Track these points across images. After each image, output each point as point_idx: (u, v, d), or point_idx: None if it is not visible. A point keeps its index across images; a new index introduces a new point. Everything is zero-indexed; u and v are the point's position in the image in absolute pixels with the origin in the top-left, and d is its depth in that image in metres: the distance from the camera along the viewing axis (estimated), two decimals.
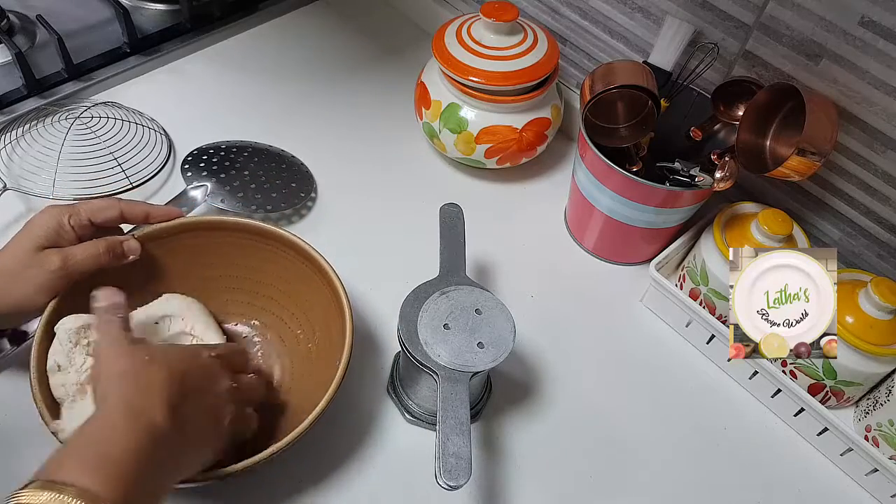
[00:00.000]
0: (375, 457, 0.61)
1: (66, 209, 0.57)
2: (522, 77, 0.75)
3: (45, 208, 0.58)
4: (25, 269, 0.55)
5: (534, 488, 0.61)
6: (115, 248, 0.58)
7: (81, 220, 0.58)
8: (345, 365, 0.56)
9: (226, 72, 0.93)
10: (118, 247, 0.58)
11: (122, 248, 0.59)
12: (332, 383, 0.54)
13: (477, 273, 0.74)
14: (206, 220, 0.64)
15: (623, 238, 0.75)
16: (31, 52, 0.87)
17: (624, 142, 0.71)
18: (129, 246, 0.59)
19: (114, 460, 0.40)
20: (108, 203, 0.60)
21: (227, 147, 0.81)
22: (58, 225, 0.56)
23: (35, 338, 0.54)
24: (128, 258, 0.59)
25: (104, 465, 0.40)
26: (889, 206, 0.66)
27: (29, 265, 0.55)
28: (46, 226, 0.56)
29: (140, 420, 0.43)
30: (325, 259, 0.61)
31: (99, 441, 0.42)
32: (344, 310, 0.58)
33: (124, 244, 0.59)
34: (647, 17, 0.75)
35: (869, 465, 0.61)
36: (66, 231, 0.57)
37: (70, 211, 0.57)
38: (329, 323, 0.61)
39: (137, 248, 0.60)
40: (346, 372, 0.55)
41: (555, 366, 0.68)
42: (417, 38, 1.00)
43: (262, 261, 0.64)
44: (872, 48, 0.60)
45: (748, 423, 0.67)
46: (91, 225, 0.58)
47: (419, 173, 0.85)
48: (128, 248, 0.59)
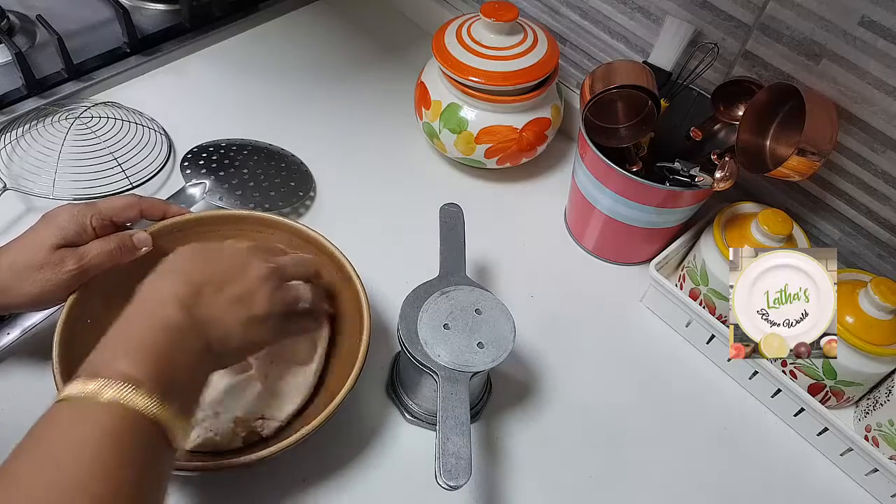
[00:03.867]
0: (375, 457, 0.61)
1: (88, 209, 0.58)
2: (522, 77, 0.75)
3: (66, 206, 0.58)
4: (41, 268, 0.55)
5: (534, 488, 0.61)
6: (126, 244, 0.59)
7: (104, 222, 0.58)
8: (358, 370, 0.56)
9: (226, 72, 0.93)
10: (129, 242, 0.59)
11: (132, 243, 0.59)
12: (344, 387, 0.55)
13: (477, 273, 0.74)
14: (218, 214, 0.65)
15: (623, 238, 0.75)
16: (31, 52, 0.87)
17: (624, 142, 0.71)
18: (140, 238, 0.60)
19: (142, 347, 0.43)
20: (129, 203, 0.61)
21: (226, 145, 0.81)
22: (80, 227, 0.57)
23: (57, 331, 0.55)
24: (140, 251, 0.60)
25: (134, 353, 0.42)
26: (889, 206, 0.66)
27: (44, 264, 0.55)
28: (67, 227, 0.56)
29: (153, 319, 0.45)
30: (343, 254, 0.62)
31: (126, 339, 0.44)
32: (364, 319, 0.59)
33: (134, 238, 0.59)
34: (647, 17, 0.75)
35: (869, 465, 0.61)
36: (88, 233, 0.57)
37: (93, 212, 0.58)
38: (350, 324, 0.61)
39: (148, 240, 0.60)
40: (357, 378, 0.56)
41: (555, 366, 0.68)
42: (417, 38, 1.00)
43: None
44: (872, 48, 0.60)
45: (748, 423, 0.67)
46: (112, 224, 0.59)
47: (419, 173, 0.85)
48: (138, 241, 0.60)
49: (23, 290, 0.55)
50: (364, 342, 0.57)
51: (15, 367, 0.62)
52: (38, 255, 0.55)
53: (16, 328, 0.62)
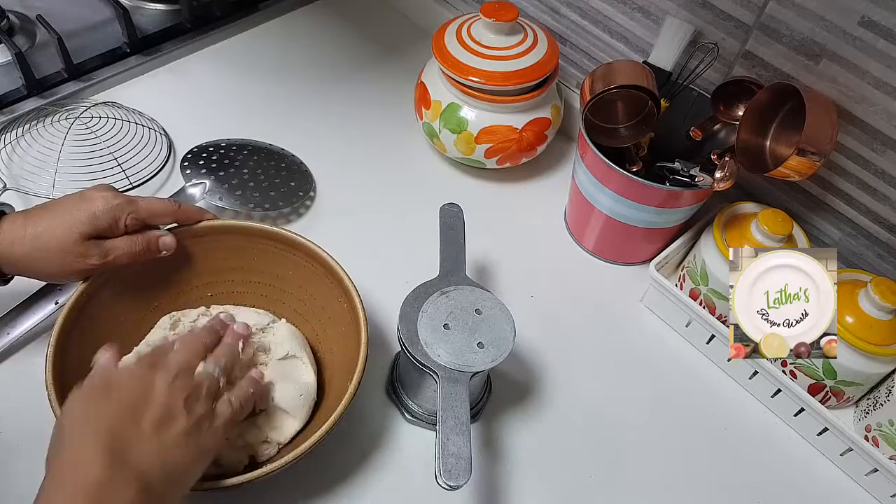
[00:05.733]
0: (375, 457, 0.61)
1: (127, 206, 0.57)
2: (522, 77, 0.75)
3: (104, 195, 0.57)
4: (66, 254, 0.55)
5: (534, 488, 0.61)
6: (152, 245, 0.59)
7: (138, 222, 0.58)
8: (357, 381, 0.55)
9: (226, 72, 0.93)
10: (155, 243, 0.59)
11: (157, 245, 0.59)
12: (344, 397, 0.54)
13: (477, 273, 0.74)
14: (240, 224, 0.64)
15: (623, 238, 0.75)
16: (31, 52, 0.87)
17: (624, 142, 0.71)
18: (165, 242, 0.60)
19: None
20: (166, 210, 0.60)
21: (226, 145, 0.81)
22: (114, 222, 0.56)
23: (60, 318, 0.55)
24: (160, 254, 0.60)
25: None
26: (889, 205, 0.66)
27: (70, 251, 0.55)
28: (101, 218, 0.56)
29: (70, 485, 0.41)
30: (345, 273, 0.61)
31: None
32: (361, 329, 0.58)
33: (160, 240, 0.59)
34: (647, 17, 0.75)
35: (869, 465, 0.61)
36: (119, 230, 0.57)
37: (130, 210, 0.57)
38: (346, 334, 0.61)
39: (173, 245, 0.60)
40: (357, 389, 0.55)
41: (555, 366, 0.68)
42: (417, 38, 1.00)
43: (283, 267, 0.65)
44: (872, 48, 0.60)
45: (748, 423, 0.67)
46: (143, 223, 0.59)
47: (419, 173, 0.85)
48: (163, 244, 0.60)
49: (40, 264, 0.55)
50: (361, 360, 0.56)
51: (15, 367, 0.62)
52: (64, 239, 0.54)
53: (16, 328, 0.62)
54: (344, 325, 0.60)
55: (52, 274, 0.56)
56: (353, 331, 0.59)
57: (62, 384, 0.52)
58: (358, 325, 0.58)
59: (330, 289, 0.62)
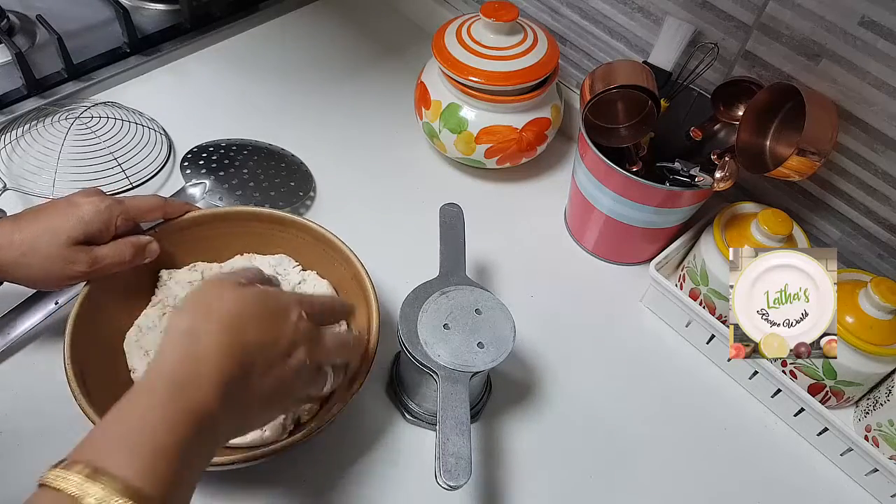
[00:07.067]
0: (375, 457, 0.61)
1: (116, 207, 0.57)
2: (522, 77, 0.75)
3: (92, 199, 0.56)
4: (53, 260, 0.54)
5: (534, 488, 0.61)
6: (139, 252, 0.59)
7: (128, 222, 0.58)
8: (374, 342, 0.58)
9: (226, 72, 0.93)
10: (142, 250, 0.59)
11: (144, 252, 0.59)
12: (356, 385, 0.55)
13: (477, 273, 0.74)
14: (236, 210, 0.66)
15: (623, 238, 0.75)
16: (31, 52, 0.87)
17: (624, 142, 0.71)
18: (152, 249, 0.60)
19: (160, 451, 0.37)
20: (154, 205, 0.61)
21: (226, 145, 0.81)
22: (105, 225, 0.56)
23: (69, 326, 0.55)
24: (145, 260, 0.60)
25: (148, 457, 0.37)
26: (889, 206, 0.66)
27: (57, 257, 0.54)
28: (91, 223, 0.55)
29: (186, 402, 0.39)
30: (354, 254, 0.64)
31: (143, 427, 0.38)
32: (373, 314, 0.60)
33: (147, 248, 0.59)
34: (647, 17, 0.75)
35: (869, 465, 0.61)
36: (110, 232, 0.57)
37: (120, 210, 0.57)
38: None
39: (157, 252, 0.60)
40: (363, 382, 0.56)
41: (555, 366, 0.68)
42: (417, 38, 1.00)
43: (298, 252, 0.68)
44: (872, 48, 0.60)
45: (748, 423, 0.67)
46: (135, 224, 0.59)
47: (419, 173, 0.85)
48: (149, 252, 0.60)
49: (28, 270, 0.54)
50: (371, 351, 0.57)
51: (15, 367, 0.62)
52: (52, 244, 0.54)
53: (16, 328, 0.62)
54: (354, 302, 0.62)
55: (39, 280, 0.55)
56: (364, 312, 0.60)
57: (81, 372, 0.53)
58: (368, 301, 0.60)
59: (332, 258, 0.65)
